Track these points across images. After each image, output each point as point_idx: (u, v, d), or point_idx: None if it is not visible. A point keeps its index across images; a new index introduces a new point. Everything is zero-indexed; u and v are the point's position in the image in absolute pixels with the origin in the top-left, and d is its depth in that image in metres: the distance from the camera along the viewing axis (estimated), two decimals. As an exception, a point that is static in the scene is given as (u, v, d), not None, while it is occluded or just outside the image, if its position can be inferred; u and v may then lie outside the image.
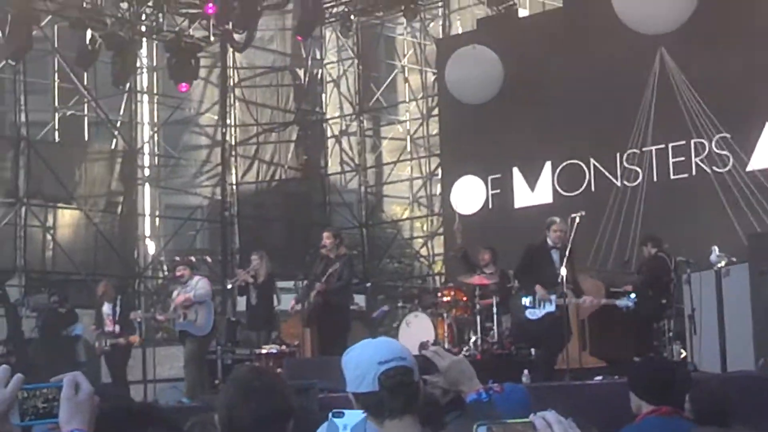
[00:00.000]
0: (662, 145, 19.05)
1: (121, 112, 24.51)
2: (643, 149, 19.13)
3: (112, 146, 24.47)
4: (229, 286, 17.30)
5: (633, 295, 13.73)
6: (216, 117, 25.79)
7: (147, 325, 18.70)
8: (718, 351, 12.08)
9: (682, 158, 18.87)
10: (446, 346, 15.73)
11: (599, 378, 12.46)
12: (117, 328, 16.15)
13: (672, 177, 19.02)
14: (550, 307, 13.19)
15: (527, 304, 13.44)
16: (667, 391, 6.09)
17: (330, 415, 2.83)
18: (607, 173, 19.66)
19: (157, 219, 25.60)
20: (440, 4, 25.21)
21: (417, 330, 16.11)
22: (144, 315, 17.85)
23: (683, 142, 18.82)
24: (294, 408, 3.70)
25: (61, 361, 17.06)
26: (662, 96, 18.81)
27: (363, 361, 3.84)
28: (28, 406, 2.81)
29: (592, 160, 19.88)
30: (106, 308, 16.34)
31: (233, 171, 25.82)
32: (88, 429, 2.83)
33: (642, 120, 19.03)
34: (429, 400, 4.43)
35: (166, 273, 24.32)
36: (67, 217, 23.33)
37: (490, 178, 21.22)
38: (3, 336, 19.57)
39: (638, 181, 19.19)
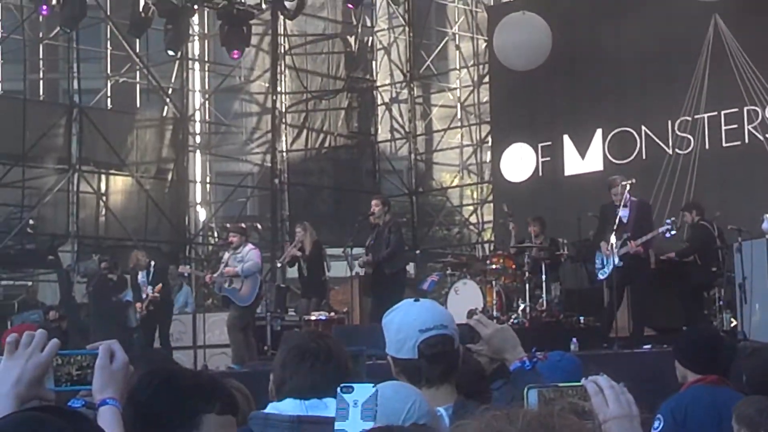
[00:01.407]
0: (714, 113, 18.85)
1: (173, 79, 24.64)
2: (696, 116, 18.94)
3: (164, 113, 24.63)
4: (279, 264, 17.31)
5: (670, 220, 13.68)
6: (266, 84, 25.81)
7: (197, 292, 18.89)
8: (768, 320, 12.00)
9: (735, 126, 18.67)
10: (495, 313, 15.74)
11: (648, 346, 12.41)
12: (150, 290, 16.32)
13: (724, 145, 18.83)
14: (617, 262, 13.35)
15: (597, 265, 13.71)
16: (713, 360, 6.05)
17: (339, 390, 2.82)
18: (658, 141, 19.49)
19: (208, 186, 25.74)
20: (491, -30, 25.06)
21: (465, 297, 16.08)
22: (192, 270, 18.00)
23: (736, 110, 18.61)
24: (350, 371, 3.71)
25: (111, 326, 17.24)
26: (715, 63, 18.60)
27: (404, 326, 3.82)
28: (63, 373, 2.85)
29: (643, 128, 19.71)
30: (141, 277, 16.56)
31: (283, 138, 25.86)
32: (120, 398, 2.86)
33: (695, 87, 18.84)
34: (476, 370, 4.41)
35: (216, 239, 24.48)
36: (119, 184, 23.51)
37: (540, 145, 21.12)
38: (56, 301, 19.83)
39: (690, 148, 19.01)
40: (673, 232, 13.44)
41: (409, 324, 3.82)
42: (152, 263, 16.80)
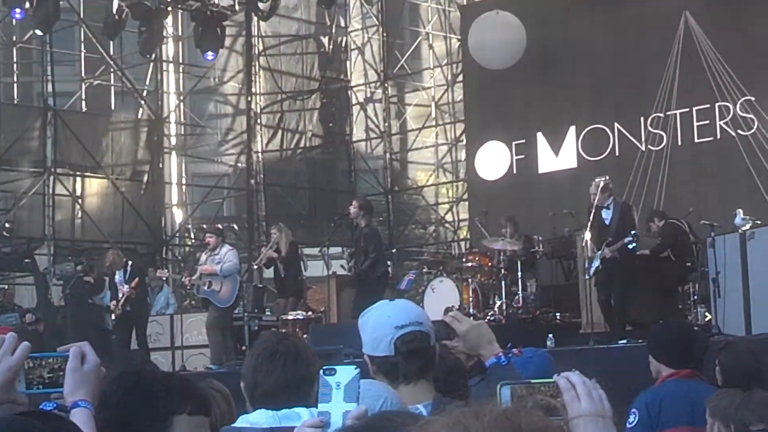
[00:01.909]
0: (686, 109, 18.97)
1: (147, 81, 24.62)
2: (668, 113, 19.06)
3: (138, 115, 24.59)
4: (256, 267, 17.34)
5: (633, 233, 13.77)
6: (240, 85, 25.81)
7: (176, 293, 18.86)
8: (742, 314, 12.09)
9: (707, 122, 18.80)
10: (471, 311, 15.79)
11: (623, 341, 12.50)
12: (126, 288, 16.22)
13: (696, 141, 18.96)
14: (597, 263, 13.56)
15: (586, 264, 13.94)
16: (687, 354, 6.11)
17: (321, 372, 2.84)
18: (631, 137, 19.60)
19: (184, 187, 25.72)
20: (464, -31, 25.12)
21: (442, 295, 16.12)
22: (170, 274, 17.96)
23: (707, 106, 18.74)
24: (318, 368, 3.74)
25: (88, 328, 17.21)
26: (686, 60, 18.71)
27: (380, 324, 3.84)
28: (34, 376, 2.85)
29: (616, 125, 19.82)
30: (118, 276, 16.42)
31: (258, 139, 25.86)
32: (92, 400, 2.86)
33: (666, 84, 18.95)
34: (454, 367, 4.46)
35: (193, 241, 24.48)
36: (94, 186, 23.47)
37: (514, 143, 21.20)
38: (33, 304, 19.78)
39: (662, 144, 19.12)
40: (634, 245, 13.52)
41: (384, 322, 3.83)
42: (129, 262, 16.75)
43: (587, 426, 2.50)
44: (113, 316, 16.49)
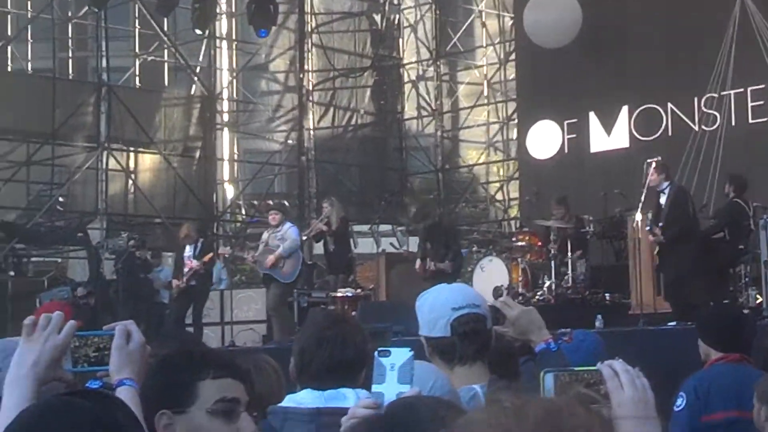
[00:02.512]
0: (741, 89, 18.78)
1: (201, 58, 24.74)
2: (722, 93, 18.87)
3: (191, 92, 24.73)
4: (305, 237, 17.41)
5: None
6: (290, 63, 25.85)
7: (227, 268, 18.94)
8: (793, 297, 12.00)
9: (761, 102, 18.60)
10: (520, 290, 15.79)
11: (672, 323, 12.44)
12: (195, 263, 16.19)
13: (750, 121, 18.77)
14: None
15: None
16: (736, 338, 6.08)
17: (376, 353, 2.85)
18: (684, 117, 19.44)
19: (236, 163, 25.85)
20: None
21: (491, 274, 16.14)
22: (233, 251, 18.00)
23: (762, 86, 18.54)
24: (368, 356, 3.70)
25: (140, 303, 17.37)
26: (742, 39, 18.50)
27: (437, 305, 3.88)
28: (80, 354, 2.90)
29: (669, 104, 19.65)
30: (188, 250, 16.33)
31: (310, 116, 25.91)
32: (138, 379, 2.90)
33: (721, 63, 18.75)
34: (505, 350, 4.47)
35: (244, 216, 24.59)
36: (147, 162, 23.64)
37: (566, 122, 21.09)
38: (85, 278, 19.96)
39: (716, 125, 18.94)
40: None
41: (441, 303, 3.88)
42: (200, 238, 16.82)
43: (629, 410, 2.50)
44: (173, 290, 16.45)
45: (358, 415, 2.78)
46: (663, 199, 13.81)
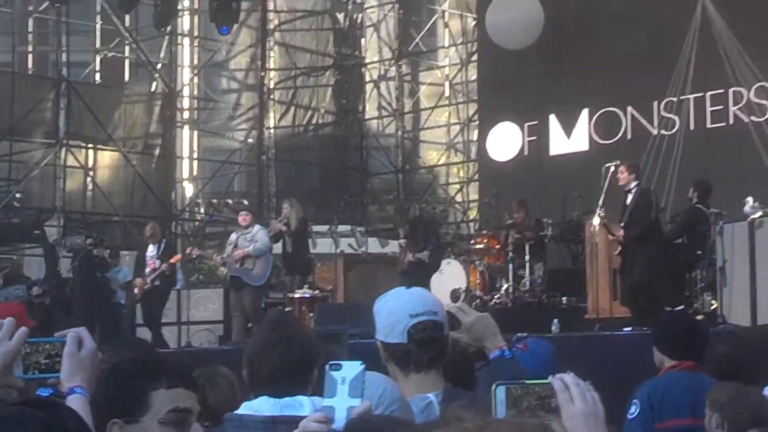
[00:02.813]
0: (700, 94, 18.89)
1: (162, 54, 24.61)
2: (681, 97, 18.97)
3: (152, 88, 24.60)
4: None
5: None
6: (250, 60, 25.77)
7: (183, 268, 18.83)
8: (749, 303, 12.06)
9: (720, 107, 18.72)
10: (478, 293, 15.82)
11: (628, 329, 12.50)
12: (158, 263, 16.11)
13: (709, 126, 18.89)
14: None
15: None
16: (689, 346, 6.12)
17: (327, 367, 2.85)
18: (644, 121, 19.54)
19: (195, 161, 25.74)
20: (482, -53, 25.02)
21: (449, 277, 16.16)
22: (200, 252, 17.89)
23: (721, 91, 18.65)
24: (316, 358, 3.73)
25: (96, 302, 17.25)
26: (702, 44, 18.59)
27: (395, 311, 3.87)
28: (31, 361, 2.88)
29: (629, 108, 19.75)
30: (150, 250, 16.30)
31: (271, 115, 25.85)
32: (89, 386, 2.89)
33: (681, 68, 18.85)
34: (461, 356, 4.47)
35: (203, 215, 24.50)
36: (106, 159, 23.50)
37: (526, 124, 21.15)
38: (41, 275, 19.81)
39: (675, 129, 19.05)
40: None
41: (399, 309, 3.86)
42: (164, 239, 16.71)
43: (579, 423, 2.54)
44: (136, 290, 16.31)
45: (309, 430, 2.78)
46: (629, 200, 13.88)
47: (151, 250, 16.29)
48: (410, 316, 3.81)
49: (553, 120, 20.76)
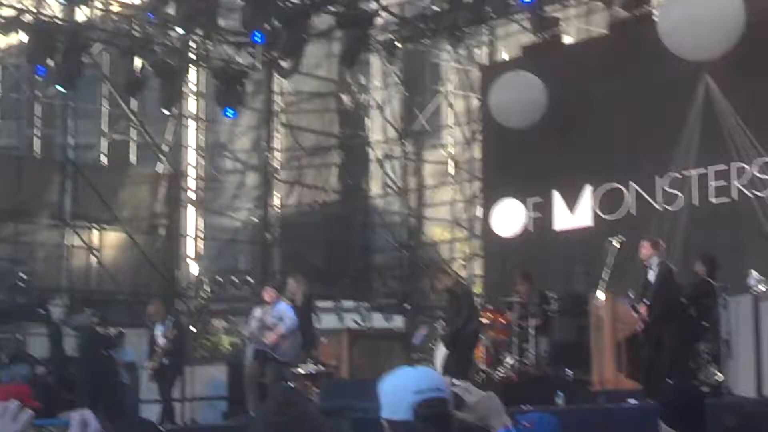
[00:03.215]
0: (703, 170, 18.96)
1: (167, 136, 24.81)
2: (684, 173, 19.04)
3: (157, 169, 24.76)
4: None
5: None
6: (255, 141, 25.96)
7: (188, 344, 18.79)
8: (753, 375, 12.02)
9: (723, 182, 18.78)
10: (483, 367, 15.75)
11: (632, 401, 12.44)
12: (166, 342, 16.11)
13: (713, 201, 18.94)
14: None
15: None
16: (697, 419, 6.08)
17: None
18: (647, 197, 19.60)
19: (200, 240, 25.81)
20: (486, 31, 25.29)
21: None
22: (224, 324, 17.62)
23: (724, 167, 18.72)
24: None
25: (100, 382, 17.19)
26: (705, 120, 18.65)
27: (399, 389, 3.85)
28: None
29: (632, 184, 19.82)
30: (158, 329, 16.35)
31: (275, 194, 25.96)
32: None
33: (684, 144, 18.94)
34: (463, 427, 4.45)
35: (208, 293, 24.51)
36: (111, 239, 23.57)
37: (530, 201, 21.22)
38: (46, 354, 19.79)
39: (679, 205, 19.10)
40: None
41: (404, 386, 3.85)
42: (169, 315, 16.67)
43: None
44: (149, 369, 16.31)
45: None
46: (651, 276, 13.89)
47: (159, 329, 16.35)
48: (415, 393, 3.80)
49: (556, 196, 20.84)
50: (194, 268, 25.31)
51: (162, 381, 16.27)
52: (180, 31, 21.50)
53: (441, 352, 15.65)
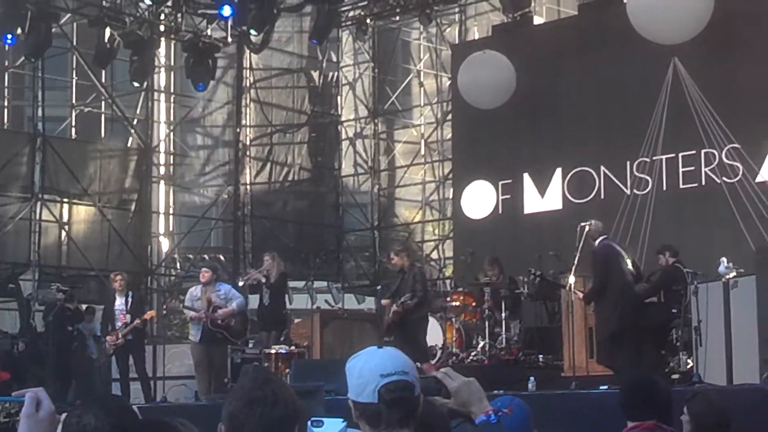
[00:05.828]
0: (672, 155, 19.07)
1: (138, 110, 24.68)
2: (654, 158, 19.14)
3: (128, 144, 24.64)
4: (241, 284, 17.33)
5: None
6: (227, 117, 25.88)
7: (161, 323, 18.79)
8: (724, 363, 12.13)
9: (692, 168, 18.90)
10: (454, 350, 15.85)
11: (604, 387, 12.54)
12: (129, 318, 15.97)
13: (681, 186, 19.06)
14: None
15: None
16: (648, 406, 6.18)
17: (309, 423, 2.87)
18: (616, 181, 19.71)
19: (171, 217, 25.72)
20: (457, 10, 25.31)
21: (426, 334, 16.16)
22: (183, 306, 17.50)
23: (693, 152, 18.84)
24: (299, 413, 3.79)
25: (69, 356, 17.16)
26: (674, 105, 18.76)
27: (366, 371, 3.86)
28: None
29: (602, 168, 19.93)
30: (119, 303, 16.15)
31: (247, 171, 25.92)
32: None
33: (653, 129, 19.00)
34: (439, 417, 4.50)
35: (179, 270, 24.46)
36: (81, 213, 23.44)
37: (500, 183, 21.29)
38: (16, 329, 19.76)
39: (648, 189, 19.19)
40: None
41: (370, 369, 3.85)
42: (130, 292, 16.61)
43: None
44: (107, 344, 16.12)
45: None
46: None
47: (119, 303, 16.15)
48: (381, 376, 3.81)
49: (527, 179, 20.92)
50: (165, 245, 25.25)
51: (124, 358, 16.11)
52: (149, 1, 21.37)
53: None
